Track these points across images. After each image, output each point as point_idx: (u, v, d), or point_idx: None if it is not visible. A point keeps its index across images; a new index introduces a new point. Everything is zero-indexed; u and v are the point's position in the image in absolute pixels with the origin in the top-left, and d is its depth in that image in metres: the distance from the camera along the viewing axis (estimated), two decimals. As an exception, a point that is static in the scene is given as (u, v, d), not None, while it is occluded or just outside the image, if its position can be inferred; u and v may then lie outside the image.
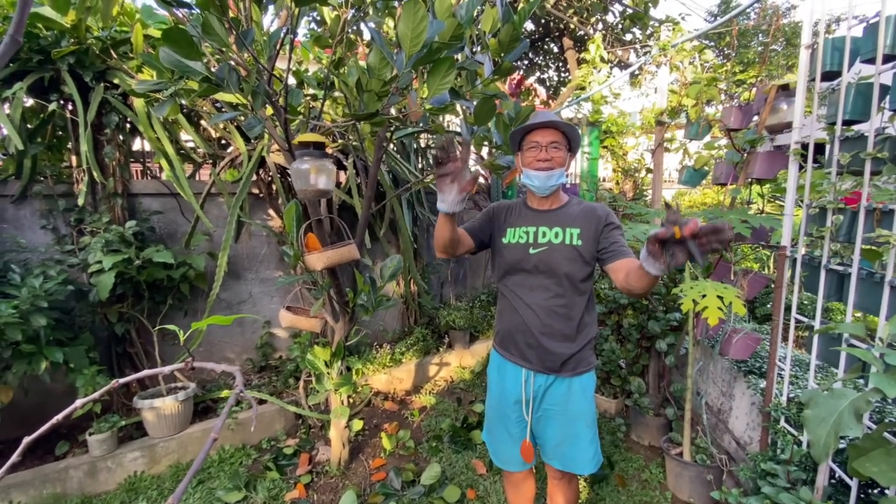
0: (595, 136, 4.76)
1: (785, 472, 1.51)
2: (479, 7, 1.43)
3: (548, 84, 9.78)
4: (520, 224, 1.61)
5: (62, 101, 2.56)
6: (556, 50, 9.05)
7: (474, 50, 1.77)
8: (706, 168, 2.42)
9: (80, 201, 2.53)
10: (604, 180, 5.61)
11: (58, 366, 2.24)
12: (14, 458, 0.69)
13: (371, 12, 2.20)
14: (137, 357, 2.81)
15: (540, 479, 2.24)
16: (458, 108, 1.89)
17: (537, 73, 9.74)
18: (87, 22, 2.29)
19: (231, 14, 1.51)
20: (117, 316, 2.65)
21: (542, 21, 7.63)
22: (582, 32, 7.45)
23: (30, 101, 2.60)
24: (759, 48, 6.77)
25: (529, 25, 8.14)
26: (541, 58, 9.20)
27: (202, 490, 2.35)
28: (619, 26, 7.49)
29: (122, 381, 0.86)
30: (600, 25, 7.79)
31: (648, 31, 7.09)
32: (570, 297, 1.53)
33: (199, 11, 1.39)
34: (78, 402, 0.79)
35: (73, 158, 2.64)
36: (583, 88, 5.05)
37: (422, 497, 2.24)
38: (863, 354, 1.06)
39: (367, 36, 3.00)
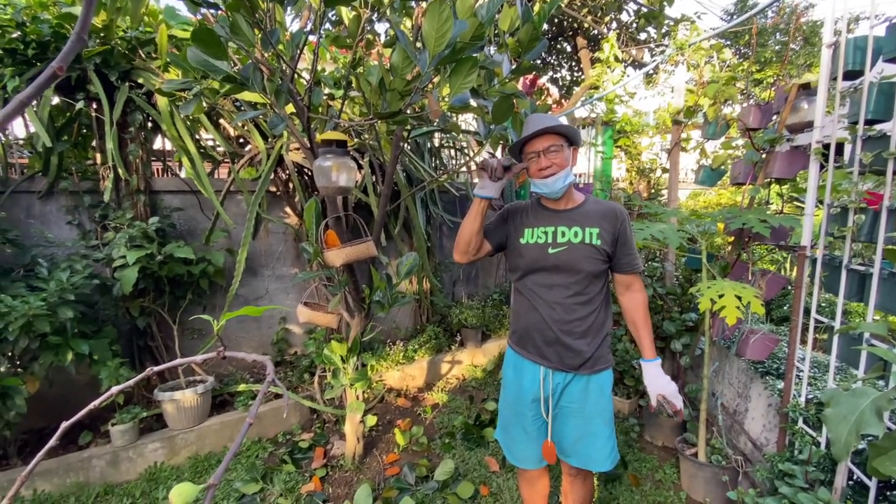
0: (609, 135, 4.74)
1: (803, 473, 1.51)
2: (498, 6, 1.44)
3: (560, 84, 9.74)
4: (537, 224, 1.62)
5: (88, 100, 2.63)
6: (569, 49, 9.01)
7: (492, 49, 1.79)
8: (724, 168, 2.40)
9: (106, 197, 2.59)
10: (617, 180, 5.58)
11: (82, 358, 2.31)
12: (52, 441, 0.72)
13: (389, 13, 2.22)
14: (158, 350, 2.87)
15: (553, 476, 2.25)
16: (474, 104, 1.91)
17: (550, 73, 9.71)
18: (117, 22, 2.35)
19: (256, 15, 1.55)
20: (139, 310, 2.71)
21: (556, 20, 7.61)
22: (596, 31, 7.41)
23: (56, 100, 2.67)
24: (777, 47, 6.67)
25: (543, 25, 8.13)
26: (553, 57, 9.17)
27: (221, 482, 2.40)
28: (634, 25, 7.44)
29: (156, 368, 0.89)
30: (614, 24, 7.75)
31: (664, 30, 7.04)
32: (588, 294, 1.56)
33: (224, 12, 1.43)
34: (114, 389, 0.82)
35: (98, 156, 2.71)
36: (596, 88, 5.03)
37: (435, 492, 2.26)
38: (885, 354, 1.06)
39: (382, 36, 3.03)
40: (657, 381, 1.55)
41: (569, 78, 9.57)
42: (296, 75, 1.69)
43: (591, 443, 1.58)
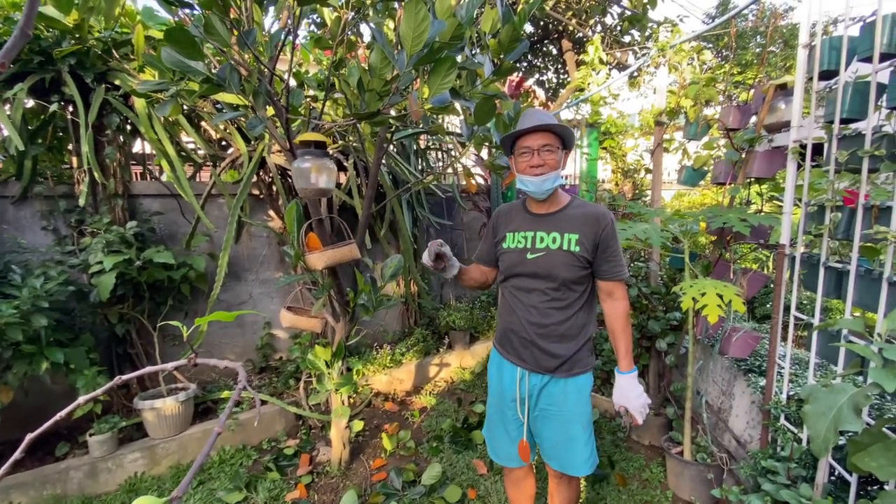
0: (594, 137, 4.78)
1: (785, 470, 1.52)
2: (478, 8, 1.44)
3: (546, 86, 9.81)
4: (518, 229, 1.61)
5: (63, 102, 2.57)
6: (554, 52, 9.08)
7: (474, 51, 1.79)
8: (705, 168, 2.43)
9: (82, 202, 2.53)
10: (603, 181, 5.63)
11: (58, 366, 2.24)
12: (17, 454, 0.69)
13: (371, 13, 2.21)
14: (138, 358, 2.81)
15: (541, 478, 2.24)
16: (459, 108, 1.90)
17: (536, 76, 9.77)
18: (90, 22, 2.30)
19: (232, 15, 1.52)
20: (118, 317, 2.65)
21: (541, 23, 7.66)
22: (581, 34, 7.48)
23: (30, 103, 2.60)
24: (758, 49, 6.80)
25: (528, 27, 8.17)
26: (539, 60, 9.24)
27: (203, 490, 2.35)
28: (618, 28, 7.53)
29: (124, 377, 0.86)
30: (599, 27, 7.82)
31: (647, 33, 7.12)
32: (566, 299, 1.54)
33: (200, 13, 1.40)
34: (81, 399, 0.79)
35: (74, 160, 2.64)
36: (582, 90, 5.07)
37: (423, 497, 2.24)
38: (862, 350, 1.07)
39: (367, 38, 3.02)
40: (624, 394, 1.54)
41: (555, 80, 9.64)
42: (276, 76, 1.66)
43: (570, 447, 1.57)
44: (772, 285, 1.89)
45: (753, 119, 2.11)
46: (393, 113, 1.67)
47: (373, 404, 3.25)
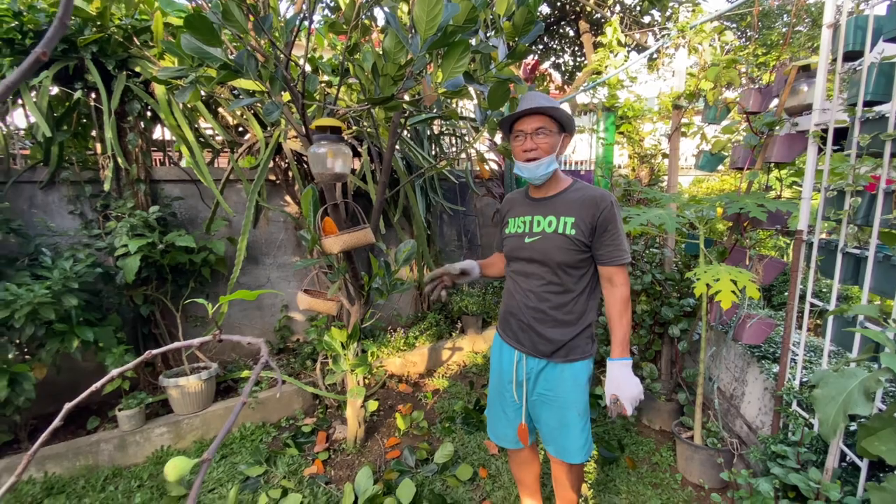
0: (611, 121, 4.69)
1: (795, 454, 1.52)
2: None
3: (563, 69, 9.62)
4: (519, 214, 1.63)
5: (86, 90, 2.63)
6: (571, 34, 8.88)
7: (489, 34, 1.78)
8: (723, 152, 2.39)
9: (107, 187, 2.61)
10: (619, 167, 5.54)
11: (88, 345, 2.35)
12: (56, 422, 0.75)
13: (385, -3, 2.20)
14: (161, 338, 2.92)
15: (546, 459, 2.28)
16: (472, 92, 1.90)
17: (553, 58, 9.58)
18: (111, 10, 2.34)
19: (249, 0, 1.54)
20: (142, 298, 2.75)
21: (558, 3, 7.49)
22: (599, 15, 7.30)
23: (55, 90, 2.68)
24: (784, 29, 6.54)
25: (544, 9, 7.99)
26: (556, 42, 9.05)
27: (225, 464, 2.46)
28: (638, 8, 7.32)
29: (154, 352, 0.91)
30: (618, 7, 7.61)
31: (668, 13, 6.91)
32: (564, 284, 1.53)
33: (218, 0, 1.43)
34: (114, 372, 0.84)
35: (98, 146, 2.72)
36: (599, 73, 4.96)
37: (435, 475, 2.31)
38: (875, 335, 1.07)
39: (381, 22, 3.00)
40: (615, 382, 1.50)
41: (572, 63, 9.44)
42: (291, 62, 1.68)
43: (566, 434, 1.58)
44: (789, 272, 1.87)
45: (775, 102, 2.06)
46: (407, 98, 1.68)
47: (387, 386, 3.33)
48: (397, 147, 3.33)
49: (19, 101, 2.65)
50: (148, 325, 2.89)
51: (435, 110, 1.83)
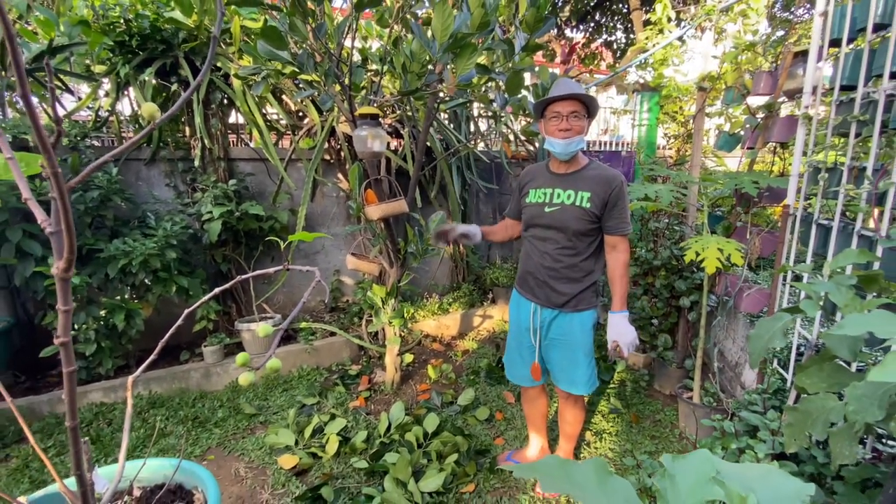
0: (655, 101, 4.70)
1: (762, 401, 1.74)
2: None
3: (615, 46, 9.41)
4: (540, 186, 1.90)
5: (179, 83, 3.17)
6: (624, 10, 8.65)
7: (510, 29, 2.04)
8: (740, 132, 2.50)
9: (197, 163, 3.15)
10: (661, 147, 5.51)
11: (182, 291, 2.92)
12: (158, 348, 1.11)
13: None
14: (236, 291, 3.49)
15: (554, 402, 2.58)
16: (478, 81, 2.16)
17: (604, 36, 9.38)
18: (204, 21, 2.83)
19: (309, 6, 1.90)
20: (221, 257, 3.31)
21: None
22: (651, -9, 7.08)
23: (153, 83, 3.23)
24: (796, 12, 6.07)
25: (548, 6, 7.84)
26: (607, 18, 8.86)
27: (286, 395, 2.98)
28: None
29: (249, 276, 1.32)
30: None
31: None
32: (576, 248, 1.83)
33: (286, 12, 1.80)
34: (206, 297, 1.23)
35: (187, 129, 3.27)
36: (646, 51, 4.95)
37: (457, 414, 2.69)
38: (803, 286, 1.28)
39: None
40: (616, 329, 1.81)
41: (624, 40, 9.22)
42: (341, 59, 2.05)
43: (574, 370, 1.90)
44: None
45: (788, 84, 2.16)
46: (435, 87, 2.00)
47: (422, 344, 3.74)
48: (436, 129, 3.66)
49: (125, 93, 3.24)
50: (226, 279, 3.46)
51: (460, 97, 2.13)
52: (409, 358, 3.27)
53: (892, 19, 1.37)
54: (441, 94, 2.00)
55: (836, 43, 1.64)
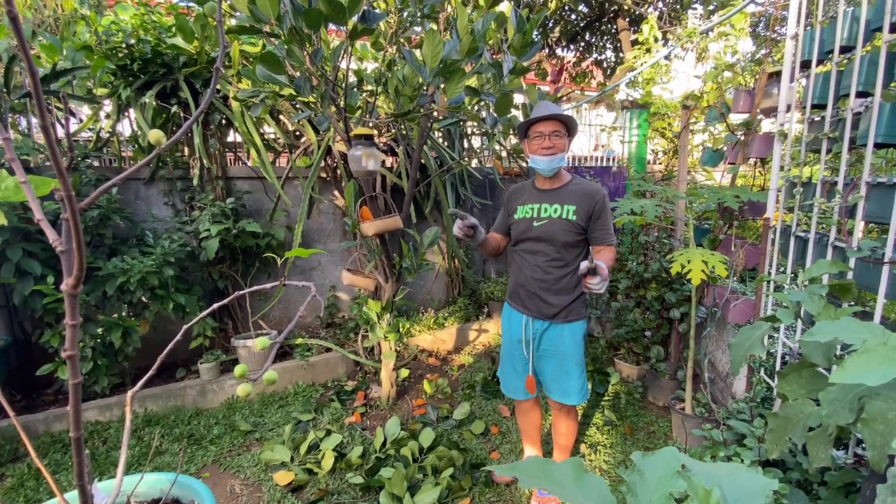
0: (643, 118, 4.83)
1: (749, 409, 1.77)
2: (492, 22, 1.78)
3: (605, 65, 9.64)
4: (527, 202, 1.97)
5: (179, 104, 3.25)
6: (613, 30, 8.90)
7: (499, 53, 2.13)
8: (723, 149, 2.59)
9: (195, 182, 3.21)
10: (650, 162, 5.63)
11: (179, 308, 2.95)
12: (154, 368, 1.18)
13: (420, 18, 2.60)
14: (233, 308, 3.51)
15: (547, 415, 2.60)
16: (467, 105, 2.24)
17: (595, 55, 9.62)
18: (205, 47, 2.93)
19: (305, 32, 1.99)
20: (219, 274, 3.34)
21: (594, 2, 7.59)
22: (639, 12, 7.32)
23: (154, 104, 3.31)
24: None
25: (582, 8, 8.08)
26: (597, 38, 9.10)
27: (282, 412, 2.98)
28: (679, 4, 7.27)
29: (244, 290, 1.36)
30: (660, 3, 7.59)
31: (710, 7, 6.82)
32: (564, 260, 1.89)
33: (284, 40, 1.88)
34: (204, 314, 1.29)
35: (186, 149, 3.34)
36: (633, 70, 5.10)
37: (453, 428, 2.70)
38: (780, 296, 1.33)
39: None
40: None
41: (613, 59, 9.45)
42: (337, 82, 2.12)
43: (566, 381, 1.94)
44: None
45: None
46: (425, 110, 2.07)
47: (418, 359, 3.76)
48: (430, 146, 3.74)
49: (125, 114, 3.31)
50: (222, 296, 3.49)
51: (447, 118, 2.21)
52: (404, 373, 3.29)
53: (856, 42, 1.46)
54: (434, 114, 2.08)
55: (806, 65, 1.73)
